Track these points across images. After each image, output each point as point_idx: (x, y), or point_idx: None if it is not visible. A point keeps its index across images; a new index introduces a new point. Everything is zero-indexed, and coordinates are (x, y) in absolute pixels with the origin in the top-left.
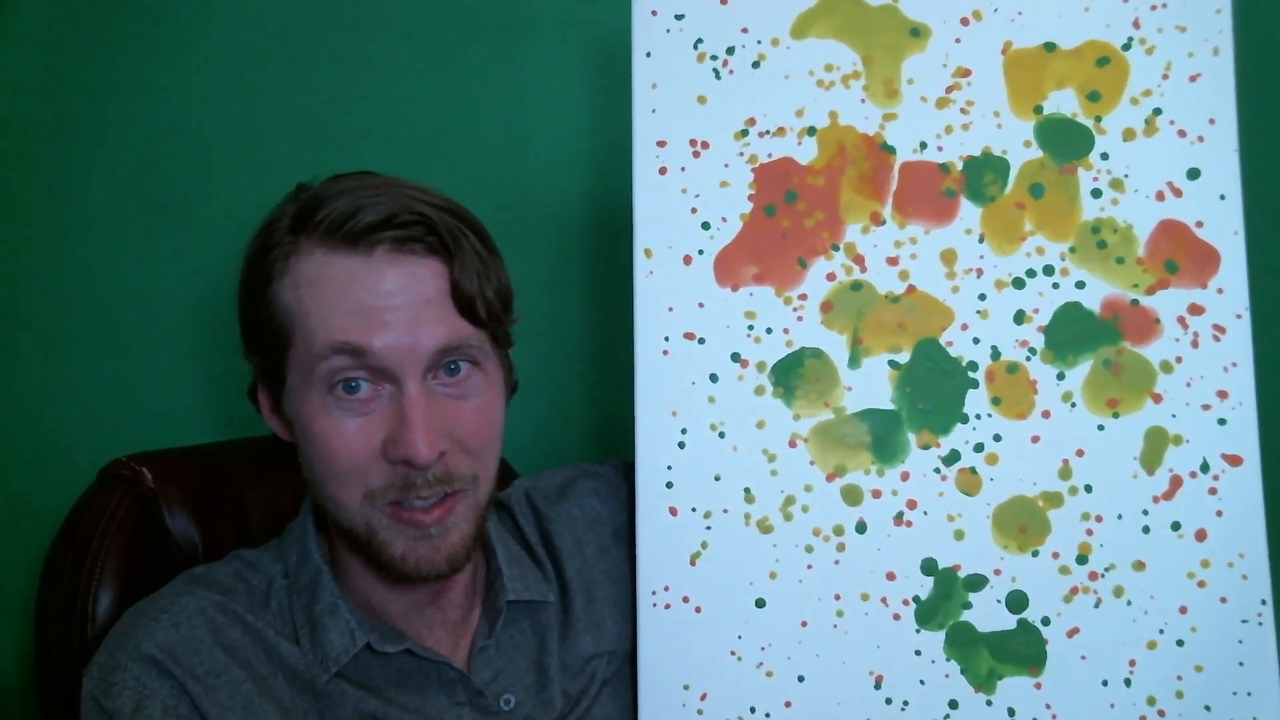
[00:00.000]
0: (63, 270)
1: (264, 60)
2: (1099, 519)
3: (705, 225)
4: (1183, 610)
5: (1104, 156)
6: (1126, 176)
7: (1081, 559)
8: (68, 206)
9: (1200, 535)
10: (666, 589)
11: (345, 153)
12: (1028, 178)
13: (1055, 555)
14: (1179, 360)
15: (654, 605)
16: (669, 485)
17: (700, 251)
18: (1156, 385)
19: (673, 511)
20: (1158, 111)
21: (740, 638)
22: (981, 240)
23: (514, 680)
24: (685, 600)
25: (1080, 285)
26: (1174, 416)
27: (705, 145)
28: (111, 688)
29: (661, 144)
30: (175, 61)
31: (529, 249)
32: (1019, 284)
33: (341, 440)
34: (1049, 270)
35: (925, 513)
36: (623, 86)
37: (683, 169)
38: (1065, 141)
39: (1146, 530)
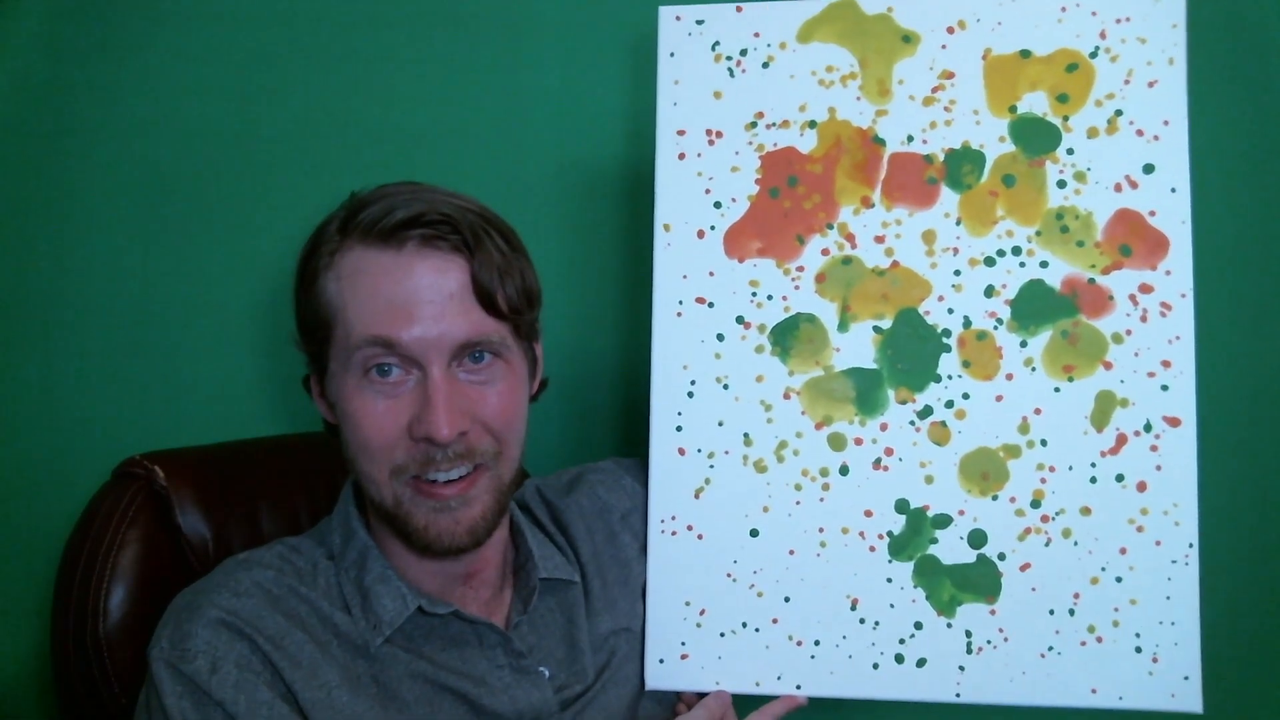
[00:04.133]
0: (67, 271)
1: (265, 60)
2: (1052, 469)
3: (717, 204)
4: (1122, 551)
5: (1070, 151)
6: (1089, 170)
7: (1035, 503)
8: (69, 207)
9: (1141, 486)
10: (673, 519)
11: (350, 151)
12: (1001, 169)
13: (1013, 500)
14: (1129, 333)
15: (662, 533)
16: (678, 429)
17: (712, 227)
18: (1108, 354)
19: (681, 451)
20: (1119, 113)
21: (736, 562)
22: (958, 223)
23: (546, 655)
24: (689, 529)
25: (1044, 265)
26: (1122, 382)
27: (719, 135)
28: (186, 653)
29: (681, 133)
30: (177, 61)
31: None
32: (990, 262)
33: (372, 419)
34: (1017, 251)
35: (900, 459)
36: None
37: (699, 155)
38: (1035, 137)
39: (1094, 480)
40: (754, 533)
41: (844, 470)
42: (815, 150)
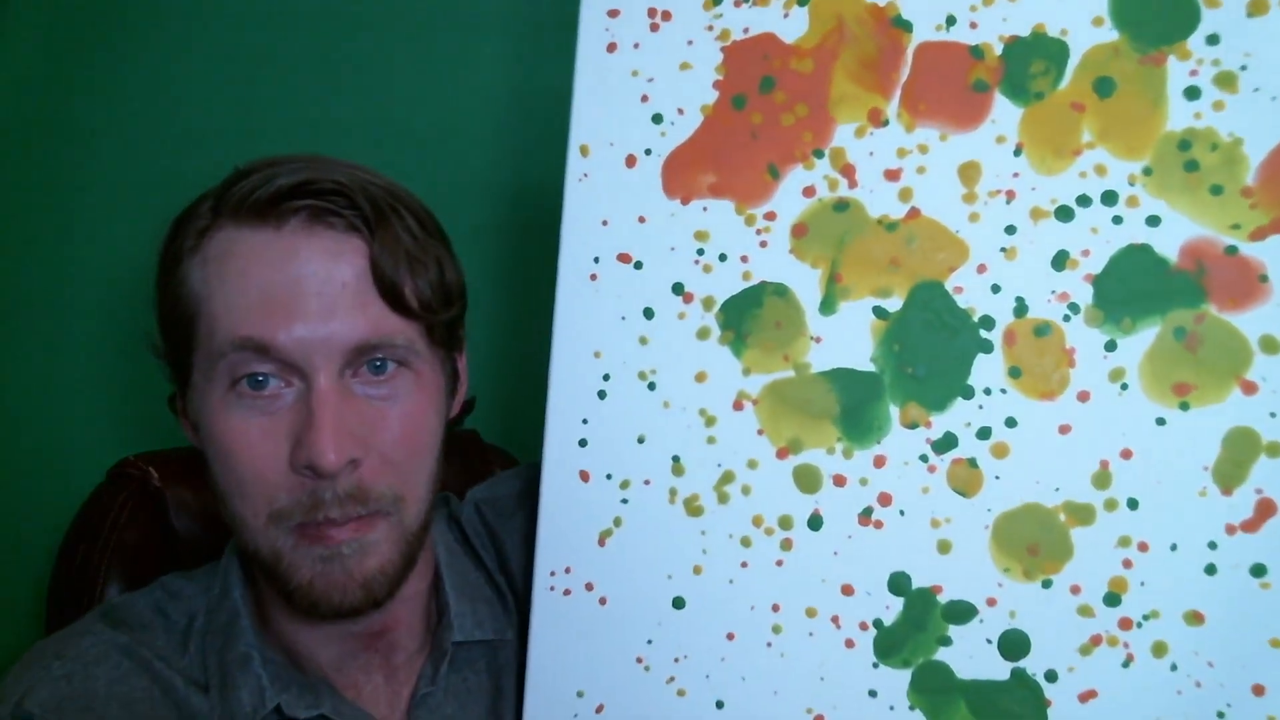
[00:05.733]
0: (66, 271)
1: (265, 59)
2: (1143, 547)
3: (657, 118)
4: (1258, 691)
5: (1211, 40)
6: (1244, 69)
7: (1112, 599)
8: (69, 207)
9: None
10: (568, 571)
11: (351, 152)
12: (1093, 69)
13: (1075, 590)
14: None
15: (551, 589)
16: (582, 443)
17: (647, 151)
18: (1250, 370)
19: (584, 476)
20: None
21: (650, 643)
22: (1018, 152)
23: None
24: (589, 588)
25: (1153, 221)
26: (1272, 416)
27: (666, 16)
28: None
29: (614, 14)
30: (175, 61)
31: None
32: (1065, 214)
33: (245, 443)
34: (1110, 198)
35: (902, 512)
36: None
37: (636, 46)
38: (1154, 18)
39: (1211, 570)
40: (679, 603)
41: (815, 522)
42: (805, 39)
